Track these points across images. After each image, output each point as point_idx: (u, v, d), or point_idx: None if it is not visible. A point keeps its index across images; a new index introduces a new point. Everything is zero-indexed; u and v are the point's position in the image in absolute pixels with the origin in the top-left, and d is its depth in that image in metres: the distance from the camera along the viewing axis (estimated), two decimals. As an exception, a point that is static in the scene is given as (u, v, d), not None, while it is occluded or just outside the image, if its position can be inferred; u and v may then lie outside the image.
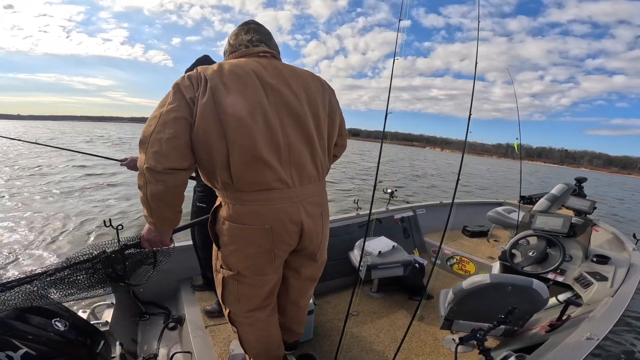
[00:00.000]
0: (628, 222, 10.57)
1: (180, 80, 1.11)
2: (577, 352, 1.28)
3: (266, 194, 1.13)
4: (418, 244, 3.39)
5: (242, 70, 1.13)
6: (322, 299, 2.43)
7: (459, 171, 1.65)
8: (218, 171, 1.13)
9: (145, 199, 1.08)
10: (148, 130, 1.06)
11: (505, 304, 1.42)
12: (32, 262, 3.94)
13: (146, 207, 1.11)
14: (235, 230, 1.18)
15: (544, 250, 2.25)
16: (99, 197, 7.28)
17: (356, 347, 1.95)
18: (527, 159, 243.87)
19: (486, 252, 3.38)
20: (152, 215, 1.13)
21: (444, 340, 2.04)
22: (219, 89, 1.07)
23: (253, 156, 1.09)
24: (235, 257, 1.24)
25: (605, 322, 1.52)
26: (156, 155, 1.03)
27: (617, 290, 1.88)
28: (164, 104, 1.08)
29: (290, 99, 1.17)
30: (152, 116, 1.08)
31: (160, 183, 1.06)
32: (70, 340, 1.16)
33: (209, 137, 1.08)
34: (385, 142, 1.70)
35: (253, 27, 1.27)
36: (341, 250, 2.67)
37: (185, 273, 2.39)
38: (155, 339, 1.93)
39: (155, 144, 1.04)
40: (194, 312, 2.06)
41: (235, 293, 1.32)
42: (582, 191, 3.60)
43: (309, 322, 1.91)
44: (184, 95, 1.07)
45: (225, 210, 1.19)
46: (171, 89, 1.10)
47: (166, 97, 1.09)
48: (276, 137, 1.13)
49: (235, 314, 1.39)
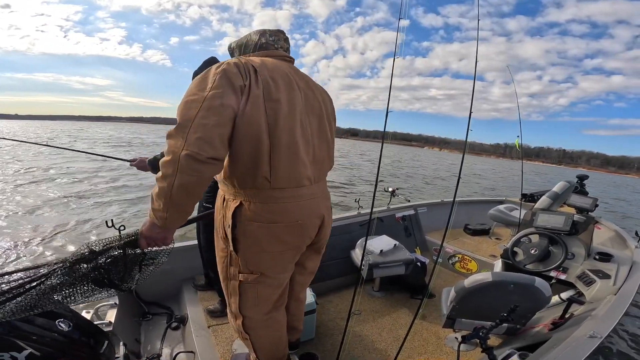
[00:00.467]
0: (625, 219, 10.55)
1: (225, 65, 1.04)
2: (580, 351, 1.28)
3: (297, 190, 1.17)
4: (420, 243, 3.39)
5: (281, 70, 1.17)
6: (324, 298, 2.43)
7: (459, 170, 1.65)
8: (259, 167, 1.09)
9: (169, 190, 0.97)
10: (188, 113, 0.97)
11: (508, 302, 1.42)
12: (27, 263, 3.96)
13: (163, 200, 0.99)
14: (263, 230, 1.14)
15: (546, 248, 2.25)
16: (98, 198, 7.30)
17: (358, 346, 1.95)
18: (526, 158, 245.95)
19: (488, 250, 3.38)
20: (168, 210, 1.00)
21: (447, 339, 2.04)
22: (269, 84, 1.09)
23: (294, 154, 1.14)
24: (260, 258, 1.20)
25: (609, 320, 1.52)
26: (200, 141, 0.95)
27: (620, 288, 1.88)
28: (204, 87, 1.00)
29: (314, 104, 1.26)
30: (190, 99, 1.00)
31: (196, 173, 0.97)
32: (74, 341, 1.17)
33: (259, 130, 1.07)
34: (386, 142, 1.71)
35: (284, 37, 1.31)
36: (343, 249, 2.67)
37: (187, 273, 2.39)
38: (159, 339, 1.93)
39: (200, 129, 0.96)
40: (196, 312, 2.07)
41: (255, 297, 1.27)
42: (583, 189, 3.59)
43: (310, 322, 1.92)
44: (231, 82, 1.02)
45: (252, 211, 1.13)
46: (213, 73, 1.03)
47: (205, 80, 1.02)
48: (308, 137, 1.21)
49: (251, 319, 1.32)
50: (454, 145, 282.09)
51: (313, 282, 2.23)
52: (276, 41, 1.28)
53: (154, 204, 1.02)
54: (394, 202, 3.45)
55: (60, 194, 7.28)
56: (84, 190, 7.81)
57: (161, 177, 0.98)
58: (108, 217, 1.71)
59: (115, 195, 7.63)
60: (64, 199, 6.91)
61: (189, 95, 1.01)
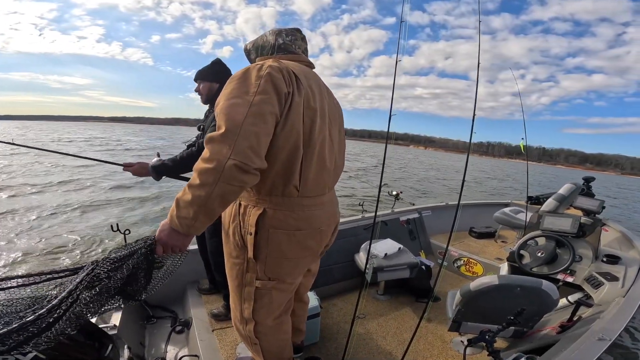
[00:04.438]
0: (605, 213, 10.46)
1: (269, 69, 0.99)
2: (588, 353, 1.26)
3: (320, 198, 1.19)
4: (424, 246, 3.37)
5: (315, 78, 1.17)
6: (328, 302, 2.42)
7: (464, 172, 1.64)
8: (291, 175, 1.07)
9: (205, 199, 0.90)
10: (236, 119, 0.91)
11: (514, 305, 1.40)
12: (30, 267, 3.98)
13: (195, 208, 0.91)
14: (288, 237, 1.12)
15: (553, 250, 2.23)
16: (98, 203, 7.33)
17: (363, 350, 1.94)
18: (507, 157, 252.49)
19: (493, 253, 3.35)
20: (197, 218, 0.92)
21: (452, 342, 2.02)
22: (309, 92, 1.08)
23: (322, 162, 1.15)
24: (281, 265, 1.17)
25: (617, 323, 1.50)
26: (249, 151, 0.90)
27: (628, 290, 1.85)
28: (247, 90, 0.95)
29: (335, 111, 1.27)
30: (234, 102, 0.93)
31: (238, 184, 0.91)
32: (79, 344, 1.17)
33: (297, 139, 1.04)
34: (369, 140, 1.71)
35: (301, 36, 1.28)
36: (347, 252, 2.66)
37: (191, 276, 2.40)
38: (163, 342, 1.93)
39: (251, 137, 0.90)
40: (200, 315, 2.07)
41: (270, 303, 1.24)
42: (590, 191, 3.55)
43: (315, 325, 1.91)
44: (276, 88, 0.98)
45: (277, 218, 1.10)
46: (256, 76, 0.98)
47: (246, 83, 0.97)
48: (332, 145, 1.21)
49: (263, 324, 1.29)
50: (438, 144, 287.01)
51: (317, 285, 2.24)
52: (294, 41, 1.24)
53: (180, 212, 0.93)
54: (398, 206, 3.44)
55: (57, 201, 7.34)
56: (82, 198, 7.86)
57: (198, 185, 0.90)
58: (107, 221, 1.70)
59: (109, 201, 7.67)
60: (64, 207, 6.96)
61: (231, 97, 0.96)
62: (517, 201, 4.57)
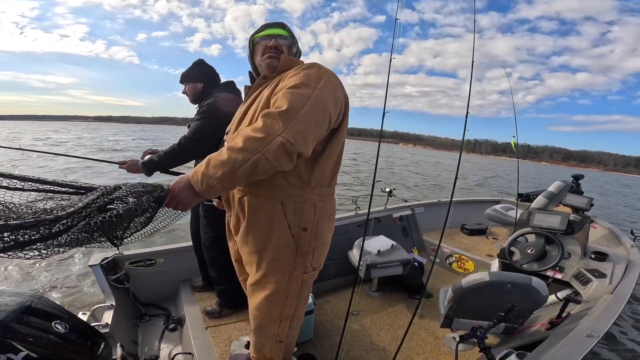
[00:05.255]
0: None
1: (329, 72, 1.10)
2: (577, 349, 1.29)
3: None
4: (417, 243, 3.39)
5: None
6: (322, 299, 2.43)
7: (457, 169, 1.66)
8: (337, 169, 1.22)
9: (240, 163, 0.91)
10: (296, 104, 0.98)
11: (505, 301, 1.43)
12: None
13: (225, 169, 0.91)
14: (327, 224, 1.22)
15: (542, 247, 2.26)
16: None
17: (357, 347, 1.95)
18: (494, 154, 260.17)
19: (485, 249, 3.39)
20: (222, 180, 0.92)
21: (445, 339, 2.05)
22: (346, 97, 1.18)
23: (342, 153, 1.24)
24: (323, 253, 1.25)
25: (605, 319, 1.53)
26: (298, 134, 0.95)
27: (616, 287, 1.89)
28: (308, 83, 1.03)
29: None
30: (300, 92, 1.01)
31: (275, 161, 0.94)
32: (71, 342, 1.16)
33: (344, 137, 1.19)
34: (359, 139, 1.72)
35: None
36: (340, 249, 2.67)
37: (184, 274, 2.38)
38: (156, 340, 1.92)
39: (302, 122, 0.96)
40: (194, 313, 2.06)
41: (308, 295, 1.30)
42: (579, 188, 3.61)
43: (309, 322, 1.91)
44: (334, 90, 1.08)
45: (322, 209, 1.18)
46: (317, 74, 1.07)
47: (309, 77, 1.05)
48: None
49: (299, 319, 1.33)
50: (427, 142, 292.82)
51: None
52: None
53: (208, 169, 0.92)
54: (391, 202, 3.46)
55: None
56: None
57: (239, 148, 0.91)
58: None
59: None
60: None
61: (293, 87, 1.02)
62: (508, 198, 4.63)
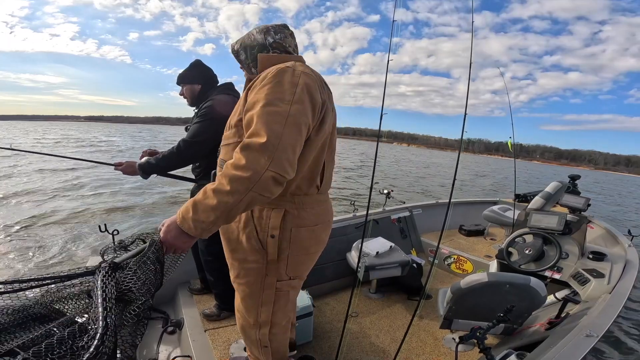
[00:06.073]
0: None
1: (304, 77, 0.98)
2: (576, 349, 1.29)
3: (328, 193, 1.26)
4: (415, 244, 3.40)
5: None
6: (321, 301, 2.42)
7: (455, 171, 1.66)
8: (315, 176, 1.13)
9: (232, 205, 0.88)
10: (277, 129, 0.89)
11: (504, 302, 1.43)
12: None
13: (218, 214, 0.88)
14: (309, 233, 1.15)
15: (540, 248, 2.27)
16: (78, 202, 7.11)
17: (356, 348, 1.95)
18: (486, 153, 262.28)
19: (483, 250, 3.40)
20: (216, 223, 0.90)
21: (444, 340, 2.05)
22: (330, 96, 1.11)
23: (333, 160, 1.23)
24: (303, 262, 1.19)
25: (604, 319, 1.54)
26: (286, 164, 0.89)
27: (614, 286, 1.90)
28: (283, 97, 0.93)
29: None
30: (272, 110, 0.91)
31: (269, 194, 0.90)
32: (69, 346, 1.15)
33: (325, 142, 1.11)
34: (353, 138, 1.72)
35: (289, 32, 1.21)
36: (339, 251, 2.67)
37: (182, 277, 2.37)
38: (155, 343, 1.91)
39: (289, 150, 0.90)
40: (192, 316, 2.05)
41: (286, 302, 1.24)
42: (576, 188, 3.63)
43: (308, 324, 1.91)
44: (312, 98, 0.98)
45: (299, 217, 1.11)
46: (291, 82, 0.95)
47: (282, 88, 0.94)
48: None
49: (279, 325, 1.28)
50: (421, 141, 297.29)
51: (310, 284, 2.24)
52: (283, 39, 1.18)
53: (199, 215, 0.89)
54: (389, 204, 3.46)
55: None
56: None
57: (227, 191, 0.87)
58: (102, 223, 1.67)
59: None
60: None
61: (268, 104, 0.92)
62: (505, 199, 4.64)
